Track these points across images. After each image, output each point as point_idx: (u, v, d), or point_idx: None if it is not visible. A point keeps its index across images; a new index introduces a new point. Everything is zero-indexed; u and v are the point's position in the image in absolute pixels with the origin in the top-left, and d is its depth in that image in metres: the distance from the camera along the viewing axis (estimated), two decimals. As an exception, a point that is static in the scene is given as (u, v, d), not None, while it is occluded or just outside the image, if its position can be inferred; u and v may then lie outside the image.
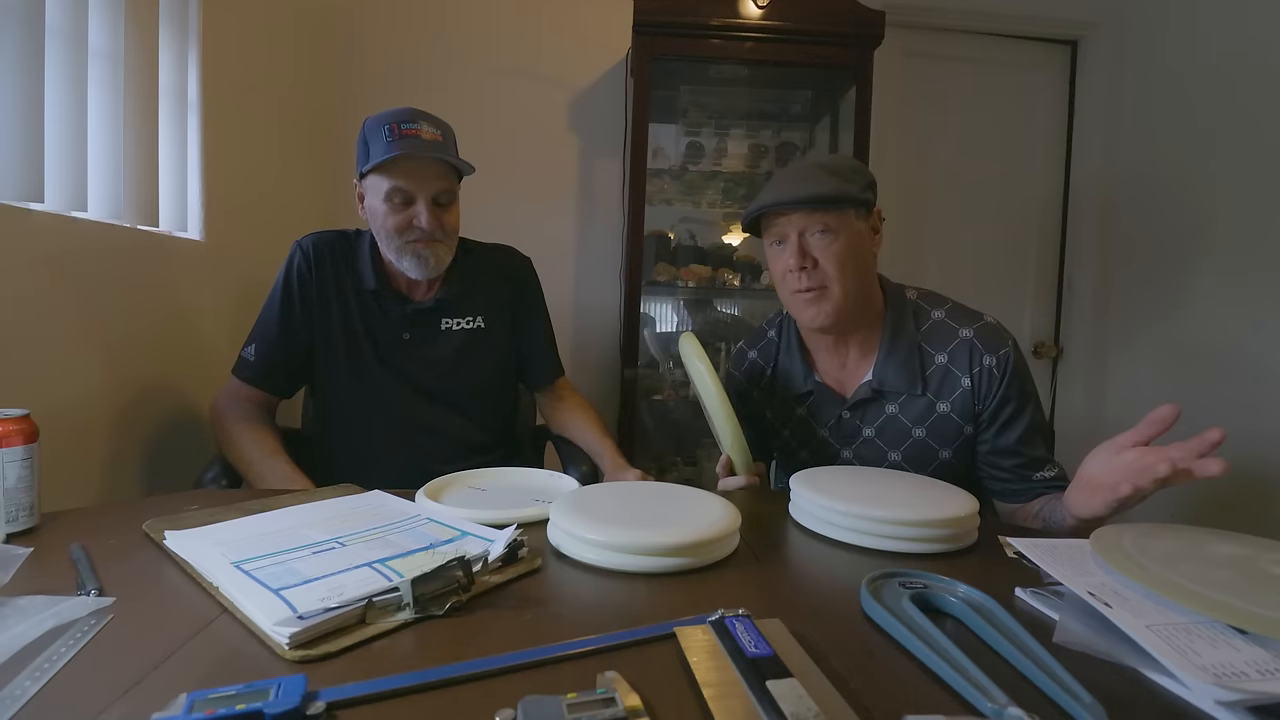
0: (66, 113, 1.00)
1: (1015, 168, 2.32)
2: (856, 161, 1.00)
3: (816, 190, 0.91)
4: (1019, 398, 0.97)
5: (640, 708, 0.40)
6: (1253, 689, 0.43)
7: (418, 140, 1.05)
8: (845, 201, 0.92)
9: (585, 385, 2.06)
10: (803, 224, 0.93)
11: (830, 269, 0.93)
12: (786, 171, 0.98)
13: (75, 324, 1.03)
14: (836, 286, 0.94)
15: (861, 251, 0.95)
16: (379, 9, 2.04)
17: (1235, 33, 1.85)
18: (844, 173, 0.94)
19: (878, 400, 1.00)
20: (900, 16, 2.07)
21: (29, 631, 0.48)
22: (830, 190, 0.91)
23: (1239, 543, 0.62)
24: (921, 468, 1.01)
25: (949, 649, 0.48)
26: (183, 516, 0.73)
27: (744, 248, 2.23)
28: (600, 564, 0.64)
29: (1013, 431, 0.97)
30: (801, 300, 0.96)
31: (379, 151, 1.05)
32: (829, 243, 0.93)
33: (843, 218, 0.93)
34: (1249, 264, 1.79)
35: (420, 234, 1.08)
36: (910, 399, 0.99)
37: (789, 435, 1.10)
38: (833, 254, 0.93)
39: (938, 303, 1.01)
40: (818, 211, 0.92)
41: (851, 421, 1.02)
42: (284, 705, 0.39)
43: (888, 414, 1.00)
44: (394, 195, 1.06)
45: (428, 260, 1.10)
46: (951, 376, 0.97)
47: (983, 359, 0.96)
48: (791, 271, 0.95)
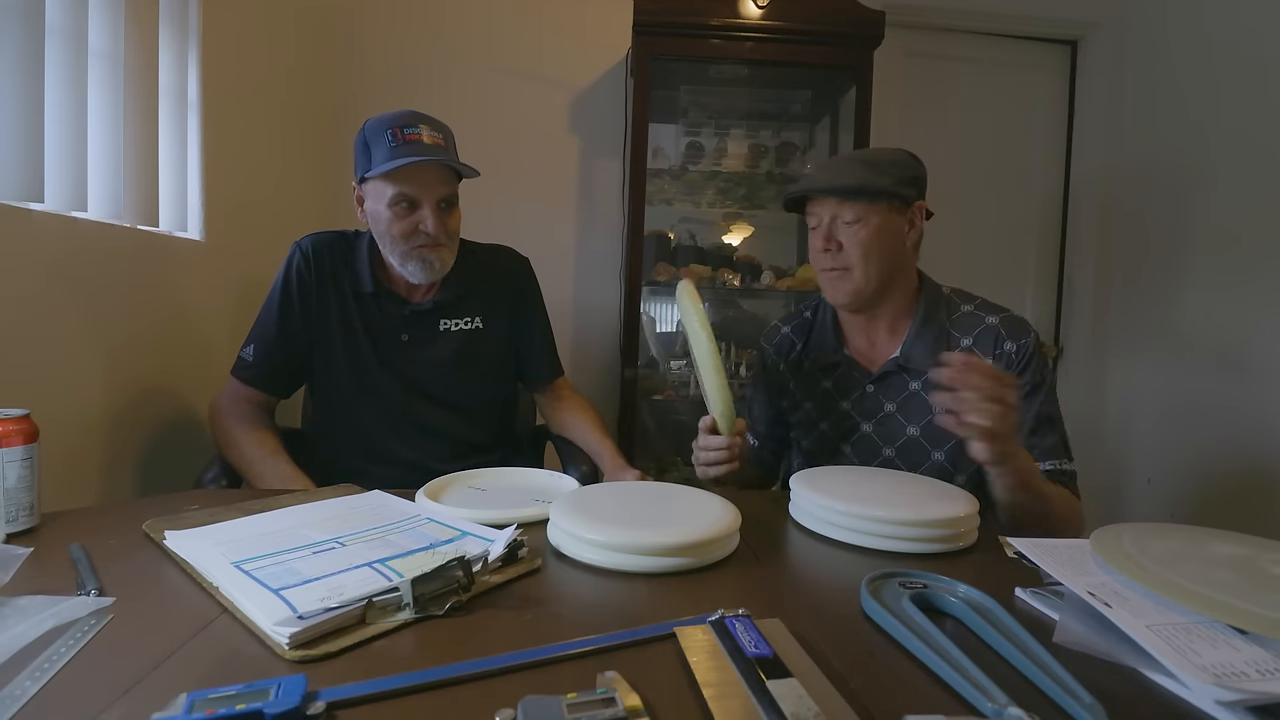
0: (66, 113, 1.00)
1: (1015, 167, 2.32)
2: (901, 157, 1.03)
3: (843, 181, 0.99)
4: (1034, 385, 0.98)
5: (640, 708, 0.41)
6: (1253, 689, 0.43)
7: (420, 145, 1.05)
8: (870, 193, 0.98)
9: (585, 385, 2.06)
10: (833, 210, 1.01)
11: (853, 254, 0.99)
12: (828, 160, 1.07)
13: (75, 324, 1.03)
14: (858, 270, 1.00)
15: (889, 241, 1.00)
16: (379, 9, 2.04)
17: (1235, 32, 1.84)
18: (879, 166, 1.00)
19: (901, 376, 1.04)
20: (900, 16, 2.07)
21: (29, 631, 0.48)
22: (855, 182, 0.98)
23: (1239, 543, 0.62)
24: (935, 446, 1.02)
25: (949, 649, 0.48)
26: (183, 516, 0.73)
27: (744, 248, 2.23)
28: (600, 564, 0.64)
29: (1023, 415, 0.98)
30: (826, 278, 1.04)
31: (381, 157, 1.04)
32: (855, 230, 0.99)
33: (870, 208, 0.99)
34: (1249, 263, 1.79)
35: (426, 239, 1.08)
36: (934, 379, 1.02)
37: (811, 407, 1.13)
38: (857, 240, 0.99)
39: (969, 299, 1.07)
40: (846, 201, 0.99)
41: (875, 396, 1.06)
42: (284, 705, 0.39)
43: (910, 390, 1.04)
44: (399, 201, 1.06)
45: (433, 264, 1.11)
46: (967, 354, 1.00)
47: (1005, 343, 1.00)
48: (820, 252, 1.03)
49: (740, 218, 2.26)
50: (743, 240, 2.24)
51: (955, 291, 1.08)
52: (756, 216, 2.27)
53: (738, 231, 2.25)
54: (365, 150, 1.07)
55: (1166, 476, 2.03)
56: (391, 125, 1.06)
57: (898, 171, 1.00)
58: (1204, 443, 1.88)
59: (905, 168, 1.01)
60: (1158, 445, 2.06)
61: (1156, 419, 2.06)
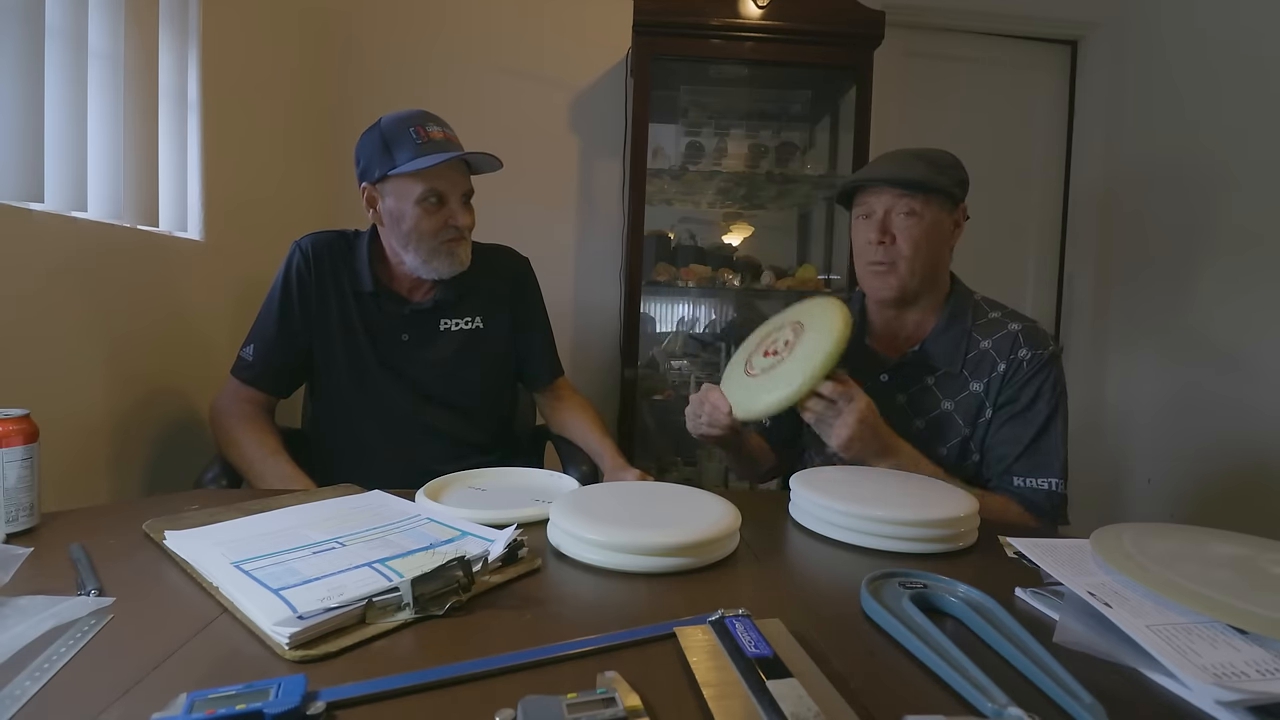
0: (66, 113, 1.00)
1: (1015, 167, 2.32)
2: (954, 157, 1.05)
3: (908, 174, 1.00)
4: (1041, 395, 0.98)
5: (640, 708, 0.41)
6: (1253, 689, 0.43)
7: (445, 142, 1.08)
8: (932, 189, 1.00)
9: (585, 385, 2.06)
10: (890, 203, 1.02)
11: (905, 247, 1.01)
12: (886, 155, 1.06)
13: (75, 324, 1.03)
14: (905, 264, 1.01)
15: (937, 238, 1.02)
16: (379, 9, 2.04)
17: (1234, 32, 1.85)
18: (939, 164, 1.02)
19: (918, 370, 1.06)
20: (900, 16, 2.07)
21: (29, 631, 0.48)
22: (919, 176, 1.00)
23: (1239, 543, 0.62)
24: (939, 441, 1.03)
25: (949, 649, 0.48)
26: (183, 516, 0.73)
27: (744, 248, 2.23)
28: (600, 564, 0.64)
29: (1021, 424, 0.99)
30: (873, 271, 1.04)
31: (408, 155, 1.05)
32: (911, 224, 1.00)
33: (927, 204, 1.01)
34: (1249, 263, 1.79)
35: (455, 233, 1.11)
36: (948, 375, 1.04)
37: None
38: (911, 235, 1.00)
39: (997, 307, 1.08)
40: (905, 194, 1.00)
41: (889, 386, 1.07)
42: (284, 705, 0.39)
43: (924, 384, 1.05)
44: (428, 197, 1.07)
45: (460, 257, 1.13)
46: (989, 359, 1.02)
47: (1020, 350, 1.00)
48: (870, 244, 1.03)
49: (740, 218, 2.27)
50: (743, 240, 2.25)
51: (985, 299, 1.09)
52: (756, 216, 2.27)
53: (738, 231, 2.25)
54: (385, 150, 1.07)
55: (1166, 476, 2.03)
56: (413, 124, 1.07)
57: (954, 173, 1.03)
58: (1204, 442, 1.88)
59: (959, 170, 1.04)
60: (1158, 444, 2.06)
61: (1156, 418, 2.06)
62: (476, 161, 1.12)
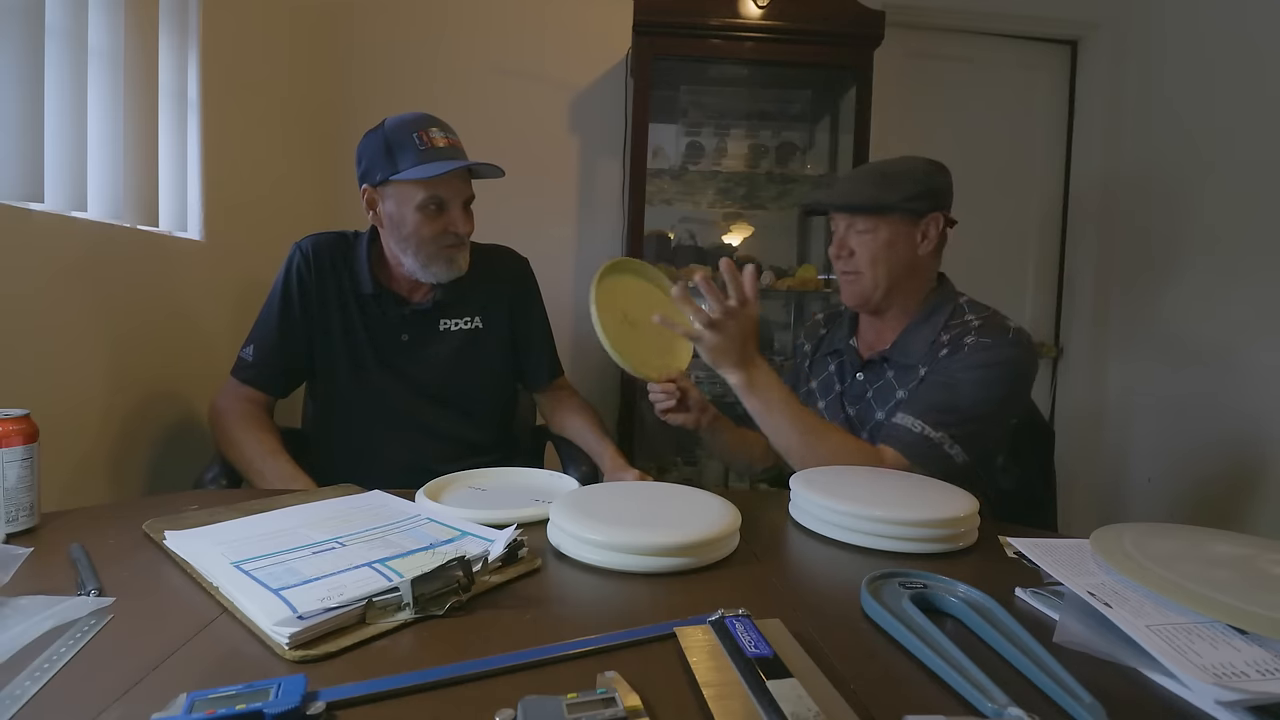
0: (66, 113, 1.00)
1: (1015, 168, 2.32)
2: (918, 169, 1.08)
3: (852, 200, 1.08)
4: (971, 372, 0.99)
5: (640, 708, 0.40)
6: (1253, 689, 0.43)
7: (446, 149, 1.08)
8: (878, 209, 1.06)
9: (585, 385, 2.05)
10: (847, 220, 1.10)
11: (862, 261, 1.08)
12: (849, 173, 1.14)
13: (75, 324, 1.03)
14: (867, 275, 1.08)
15: (899, 249, 1.07)
16: (379, 9, 2.04)
17: (1234, 33, 1.85)
18: (893, 179, 1.06)
19: (882, 366, 1.11)
20: (900, 16, 2.07)
21: (29, 631, 0.48)
22: (863, 200, 1.07)
23: (1239, 543, 0.62)
24: None
25: (949, 649, 0.48)
26: (183, 516, 0.73)
27: (744, 248, 2.23)
28: (600, 564, 0.64)
29: (933, 386, 1.01)
30: (842, 280, 1.14)
31: (411, 161, 1.05)
32: (866, 240, 1.08)
33: (880, 220, 1.06)
34: (1249, 263, 1.79)
35: (454, 239, 1.11)
36: (906, 368, 1.08)
37: (815, 386, 1.23)
38: (868, 250, 1.07)
39: (979, 309, 1.09)
40: (858, 214, 1.08)
41: (862, 383, 1.14)
42: (284, 705, 0.39)
43: (886, 379, 1.10)
44: (430, 204, 1.07)
45: (458, 263, 1.13)
46: (938, 346, 1.05)
47: (968, 337, 1.03)
48: (835, 256, 1.13)
49: (740, 218, 2.27)
50: (743, 240, 2.25)
51: (971, 302, 1.10)
52: (756, 216, 2.27)
53: (738, 231, 2.25)
54: (388, 153, 1.07)
55: (1166, 476, 2.03)
56: (416, 129, 1.07)
57: (910, 186, 1.05)
58: (1204, 442, 1.88)
59: (920, 181, 1.06)
60: (1157, 445, 2.06)
61: (1156, 419, 2.06)
62: (478, 168, 1.12)
